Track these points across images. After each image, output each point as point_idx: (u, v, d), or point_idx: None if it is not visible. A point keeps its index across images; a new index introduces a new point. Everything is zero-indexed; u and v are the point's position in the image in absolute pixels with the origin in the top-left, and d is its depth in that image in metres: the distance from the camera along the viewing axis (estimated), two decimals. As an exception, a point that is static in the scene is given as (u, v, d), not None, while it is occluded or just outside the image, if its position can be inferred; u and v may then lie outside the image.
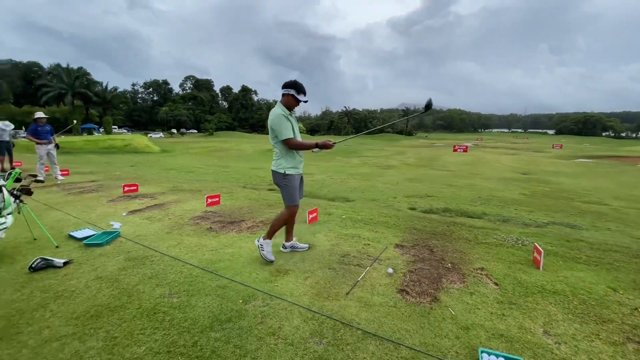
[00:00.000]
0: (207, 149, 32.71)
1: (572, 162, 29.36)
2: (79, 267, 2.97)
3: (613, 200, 11.97)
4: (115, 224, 4.16)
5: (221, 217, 4.57)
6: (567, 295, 2.55)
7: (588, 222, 7.83)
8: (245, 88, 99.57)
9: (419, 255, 3.32)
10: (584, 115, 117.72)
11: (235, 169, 17.51)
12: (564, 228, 6.93)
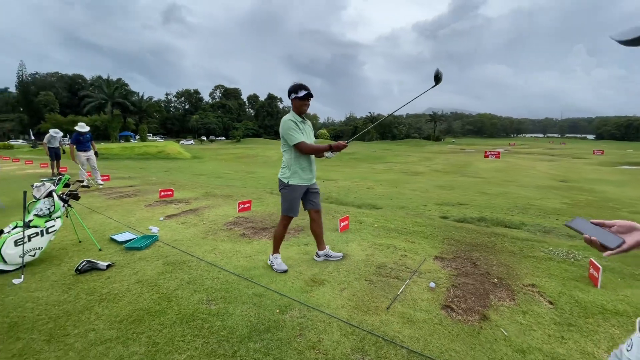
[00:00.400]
0: (234, 155, 33.57)
1: (616, 169, 27.27)
2: (120, 270, 3.05)
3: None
4: (153, 228, 4.28)
5: (253, 223, 4.59)
6: (629, 317, 2.29)
7: None
8: (271, 96, 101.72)
9: (461, 268, 3.13)
10: (626, 120, 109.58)
11: (261, 174, 17.79)
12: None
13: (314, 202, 3.08)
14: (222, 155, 33.75)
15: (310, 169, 2.97)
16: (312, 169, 3.00)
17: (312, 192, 3.05)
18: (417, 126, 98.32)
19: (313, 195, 3.06)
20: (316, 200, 3.08)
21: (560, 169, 24.67)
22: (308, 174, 2.94)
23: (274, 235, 3.09)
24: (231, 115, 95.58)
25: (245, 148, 43.76)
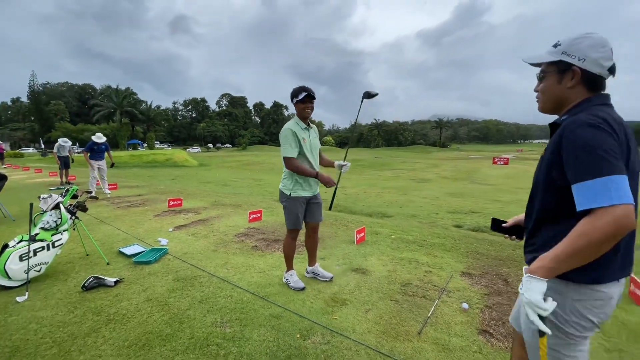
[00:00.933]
0: (240, 163, 33.61)
1: (631, 175, 26.76)
2: (129, 286, 2.89)
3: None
4: (162, 240, 4.13)
5: (265, 235, 4.41)
6: (695, 346, 2.05)
7: None
8: (276, 104, 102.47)
9: (492, 286, 2.91)
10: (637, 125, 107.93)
11: (268, 182, 17.67)
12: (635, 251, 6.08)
13: (315, 215, 2.85)
14: (229, 162, 33.83)
15: (311, 180, 2.74)
16: (312, 182, 2.77)
17: (314, 204, 2.82)
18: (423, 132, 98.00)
19: (315, 207, 2.83)
20: (317, 212, 2.86)
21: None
22: (310, 185, 2.73)
23: (284, 251, 2.89)
24: (237, 123, 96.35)
25: (251, 155, 43.89)
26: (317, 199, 2.84)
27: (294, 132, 2.62)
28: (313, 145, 2.74)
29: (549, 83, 1.17)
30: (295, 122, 2.69)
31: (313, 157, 2.72)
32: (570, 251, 0.94)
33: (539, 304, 0.96)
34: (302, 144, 2.63)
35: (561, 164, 1.03)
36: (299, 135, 2.62)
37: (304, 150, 2.65)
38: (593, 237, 0.91)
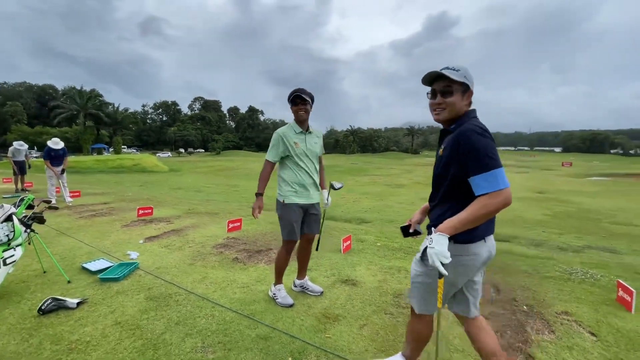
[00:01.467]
0: (214, 168, 32.66)
1: (587, 180, 28.66)
2: (94, 308, 2.56)
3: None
4: (132, 253, 3.77)
5: (246, 245, 4.16)
6: (685, 350, 2.08)
7: (625, 246, 7.27)
8: (252, 108, 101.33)
9: (485, 295, 2.85)
10: (591, 133, 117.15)
11: (244, 188, 17.22)
12: (603, 253, 6.39)
13: (312, 226, 2.67)
14: (202, 168, 32.79)
15: (310, 186, 2.57)
16: (314, 185, 2.62)
17: (312, 215, 2.64)
18: (396, 139, 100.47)
19: (312, 218, 2.66)
20: (315, 224, 2.68)
21: (535, 181, 25.56)
22: (306, 192, 2.56)
23: (276, 263, 2.69)
24: (211, 127, 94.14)
25: (226, 160, 42.84)
26: (315, 210, 2.66)
27: (282, 135, 2.50)
28: (309, 151, 2.56)
29: (457, 98, 1.45)
30: (290, 126, 2.56)
31: (307, 163, 2.54)
32: (472, 218, 1.32)
33: (444, 254, 1.30)
34: (291, 148, 2.48)
35: (458, 161, 1.38)
36: (289, 140, 2.48)
37: (293, 155, 2.49)
38: (490, 209, 1.30)
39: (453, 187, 1.44)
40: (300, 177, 2.53)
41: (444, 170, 1.46)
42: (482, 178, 1.31)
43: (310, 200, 2.59)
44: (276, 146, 2.51)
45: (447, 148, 1.43)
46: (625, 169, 37.58)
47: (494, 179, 1.29)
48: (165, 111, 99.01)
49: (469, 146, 1.33)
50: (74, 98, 50.10)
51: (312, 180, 2.58)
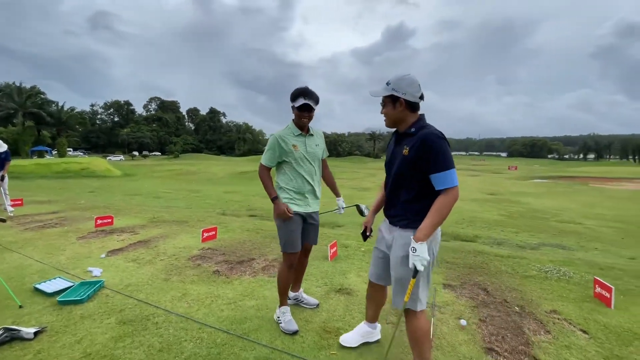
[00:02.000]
0: (173, 172, 30.96)
1: (531, 182, 31.36)
2: (56, 338, 2.18)
3: (584, 219, 12.58)
4: (94, 270, 3.33)
5: (225, 256, 3.87)
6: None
7: (574, 243, 7.96)
8: (213, 110, 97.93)
9: (476, 297, 2.89)
10: (531, 140, 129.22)
11: (207, 193, 16.47)
12: (558, 249, 6.93)
13: (310, 236, 2.49)
14: (159, 172, 30.93)
15: (308, 193, 2.38)
16: (313, 193, 2.42)
17: (311, 225, 2.45)
18: (358, 144, 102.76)
19: (311, 228, 2.46)
20: (313, 234, 2.50)
21: (486, 183, 27.42)
22: (304, 200, 2.37)
23: (279, 282, 2.43)
24: (168, 129, 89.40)
25: (185, 164, 40.82)
26: (314, 220, 2.47)
27: (279, 138, 2.31)
28: (310, 154, 2.38)
29: (389, 109, 1.73)
30: (288, 128, 2.37)
31: (306, 168, 2.36)
32: (439, 220, 1.58)
33: (426, 258, 1.56)
34: (289, 151, 2.30)
35: (424, 160, 1.60)
36: (287, 142, 2.30)
37: (292, 159, 2.32)
38: (449, 206, 1.57)
39: (415, 184, 1.68)
40: (298, 184, 2.35)
41: (408, 169, 1.68)
42: (443, 175, 1.58)
43: (308, 209, 2.40)
44: (272, 150, 2.32)
45: (413, 149, 1.64)
46: (561, 172, 41.72)
47: (451, 177, 1.58)
48: (117, 111, 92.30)
49: (436, 148, 1.59)
50: (12, 95, 44.83)
51: (311, 187, 2.39)
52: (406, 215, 1.73)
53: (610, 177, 33.61)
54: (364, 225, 2.07)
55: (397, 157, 1.74)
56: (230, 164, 46.15)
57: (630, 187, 27.94)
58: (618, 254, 6.87)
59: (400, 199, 1.75)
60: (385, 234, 1.88)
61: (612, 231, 10.20)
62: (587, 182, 30.87)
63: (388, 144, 1.95)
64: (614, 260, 5.87)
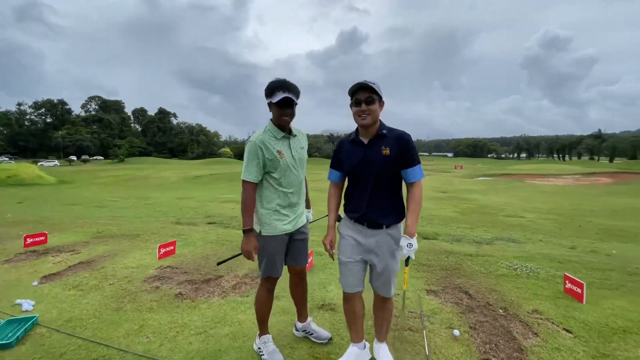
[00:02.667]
0: (119, 178, 28.46)
1: (477, 180, 33.96)
2: (-35, 406, 1.67)
3: (525, 212, 13.79)
4: (24, 302, 2.72)
5: (188, 275, 3.44)
6: (637, 333, 2.32)
7: (521, 235, 8.61)
8: (162, 110, 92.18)
9: (459, 301, 2.84)
10: (473, 141, 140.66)
11: (159, 200, 15.29)
12: (510, 243, 7.40)
13: (299, 256, 2.15)
14: (102, 178, 28.27)
15: (295, 206, 2.06)
16: (299, 205, 2.09)
17: (297, 241, 2.11)
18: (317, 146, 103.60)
19: (299, 245, 2.13)
20: (303, 252, 2.16)
21: (437, 182, 29.11)
22: (294, 213, 2.05)
23: (256, 308, 2.12)
24: (111, 130, 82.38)
25: (132, 169, 37.88)
26: (302, 234, 2.15)
27: (261, 145, 1.91)
28: (298, 161, 2.05)
29: (376, 107, 1.78)
30: (268, 131, 1.99)
31: (295, 177, 2.04)
32: (420, 210, 1.81)
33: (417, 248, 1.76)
34: (274, 159, 1.94)
35: (403, 157, 1.78)
36: (271, 149, 1.93)
37: (277, 170, 1.95)
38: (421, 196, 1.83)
39: (394, 182, 1.84)
40: (287, 197, 2.00)
41: (391, 168, 1.79)
42: (418, 168, 1.81)
43: (298, 223, 2.09)
44: (255, 158, 1.91)
45: (394, 148, 1.78)
46: (500, 170, 45.75)
47: (421, 170, 1.83)
48: (50, 111, 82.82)
49: (411, 144, 1.81)
50: None
51: (298, 194, 2.09)
52: (390, 214, 1.84)
53: (541, 174, 37.55)
54: (329, 244, 1.99)
55: (375, 159, 1.79)
56: (183, 167, 43.66)
57: (557, 182, 31.45)
58: (560, 244, 7.51)
59: (382, 199, 1.83)
60: (361, 240, 1.88)
61: (550, 223, 11.24)
62: (523, 179, 34.18)
63: (340, 149, 1.96)
64: (559, 251, 6.37)
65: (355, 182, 1.89)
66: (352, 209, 1.91)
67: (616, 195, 20.38)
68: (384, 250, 1.84)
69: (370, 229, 1.85)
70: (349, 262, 1.90)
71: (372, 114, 1.76)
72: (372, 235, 1.84)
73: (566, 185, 29.70)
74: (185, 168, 41.47)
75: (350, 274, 1.91)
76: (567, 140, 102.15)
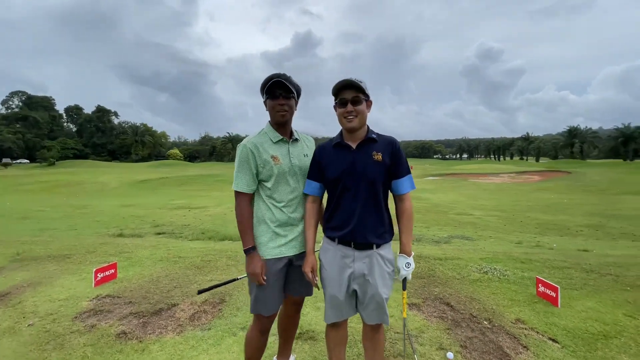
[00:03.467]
0: (49, 184, 25.20)
1: (427, 179, 35.91)
2: None
3: (472, 210, 14.70)
4: None
5: (133, 305, 2.87)
6: (617, 337, 2.34)
7: (473, 233, 9.06)
8: (101, 108, 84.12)
9: (443, 315, 2.69)
10: (421, 143, 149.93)
11: (97, 208, 13.70)
12: (464, 241, 7.71)
13: (300, 285, 1.76)
14: (27, 184, 24.83)
15: (296, 225, 1.70)
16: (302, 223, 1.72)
17: (298, 268, 1.72)
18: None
19: (299, 272, 1.73)
20: (303, 282, 1.74)
21: (393, 182, 30.20)
22: (294, 233, 1.69)
23: (246, 350, 1.74)
24: (39, 130, 73.13)
25: (65, 173, 33.92)
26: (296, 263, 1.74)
27: (252, 148, 1.61)
28: (298, 169, 1.70)
29: (364, 107, 1.58)
30: (264, 133, 1.68)
31: (294, 187, 1.68)
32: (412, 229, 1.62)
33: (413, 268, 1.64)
34: (266, 165, 1.61)
35: (396, 165, 1.60)
36: (263, 153, 1.61)
37: (270, 177, 1.62)
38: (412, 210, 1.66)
39: (385, 193, 1.62)
40: (282, 212, 1.66)
41: (384, 176, 1.58)
42: (409, 178, 1.62)
43: (297, 248, 1.71)
44: (246, 164, 1.60)
45: (386, 154, 1.58)
46: (446, 170, 49.03)
47: (411, 180, 1.64)
48: (-41, 108, 71.24)
49: (402, 151, 1.61)
50: None
51: (301, 215, 1.73)
52: (382, 231, 1.61)
53: (482, 173, 40.89)
54: (311, 272, 1.63)
55: (366, 165, 1.56)
56: (127, 171, 40.14)
57: (496, 180, 34.43)
58: (507, 240, 7.98)
59: (373, 213, 1.59)
60: (347, 267, 1.60)
61: (495, 219, 12.04)
62: (466, 178, 36.92)
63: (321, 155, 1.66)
64: (508, 247, 6.71)
65: (340, 194, 1.60)
66: (336, 225, 1.61)
67: (546, 192, 22.74)
68: (375, 275, 1.58)
69: (358, 251, 1.59)
70: (334, 298, 1.61)
71: (360, 116, 1.56)
72: (361, 258, 1.58)
73: (504, 183, 32.61)
74: (128, 172, 38.14)
75: (337, 310, 1.64)
76: (501, 142, 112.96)
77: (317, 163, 1.66)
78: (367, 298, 1.60)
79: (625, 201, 15.39)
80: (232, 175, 1.66)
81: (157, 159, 78.68)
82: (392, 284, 1.66)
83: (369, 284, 1.58)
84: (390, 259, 1.62)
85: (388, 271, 1.61)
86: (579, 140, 70.48)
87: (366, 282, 1.58)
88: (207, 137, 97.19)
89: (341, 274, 1.59)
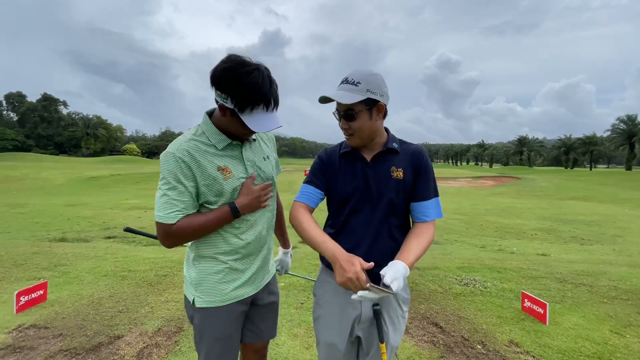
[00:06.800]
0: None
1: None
2: None
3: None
4: None
5: (64, 339, 2.30)
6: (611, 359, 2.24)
7: (438, 236, 9.20)
8: (47, 97, 76.67)
9: (434, 339, 2.44)
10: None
11: (37, 208, 12.21)
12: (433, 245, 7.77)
13: (263, 328, 1.39)
14: (-49, 180, 21.69)
15: (256, 253, 1.28)
16: (263, 249, 1.31)
17: (262, 307, 1.36)
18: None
19: (263, 312, 1.38)
20: (269, 321, 1.41)
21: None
22: (248, 271, 1.25)
23: None
24: (-31, 119, 64.94)
25: (3, 167, 30.24)
26: (270, 295, 1.38)
27: (184, 159, 1.08)
28: (259, 181, 1.25)
29: (363, 121, 1.18)
30: (202, 134, 1.15)
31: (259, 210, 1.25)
32: (423, 252, 1.16)
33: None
34: (216, 183, 1.13)
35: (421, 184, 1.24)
36: (205, 166, 1.11)
37: (225, 198, 1.15)
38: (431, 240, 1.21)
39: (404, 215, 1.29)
40: (238, 239, 1.21)
41: (404, 195, 1.23)
42: (437, 201, 1.25)
43: (264, 280, 1.34)
44: (174, 184, 1.08)
45: (409, 170, 1.24)
46: (412, 172, 50.61)
47: (439, 205, 1.26)
48: None
49: (431, 167, 1.28)
50: None
51: (268, 236, 1.34)
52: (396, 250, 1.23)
53: (442, 177, 42.71)
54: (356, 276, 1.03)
55: (381, 184, 1.22)
56: (75, 166, 36.71)
57: (455, 184, 36.11)
58: (472, 244, 8.14)
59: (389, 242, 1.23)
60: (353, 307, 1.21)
61: (458, 222, 12.40)
62: (431, 181, 38.37)
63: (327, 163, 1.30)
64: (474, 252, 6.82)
65: (348, 216, 1.24)
66: None
67: (500, 196, 24.11)
68: (387, 320, 1.22)
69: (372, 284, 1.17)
70: (332, 347, 1.23)
71: (362, 131, 1.19)
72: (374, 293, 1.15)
73: (462, 187, 34.23)
74: (78, 167, 34.91)
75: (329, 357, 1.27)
76: (459, 148, 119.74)
77: (321, 171, 1.30)
78: (373, 349, 1.23)
79: (569, 206, 16.64)
80: None
81: (111, 153, 73.19)
82: (404, 329, 1.31)
83: (390, 322, 1.23)
84: (406, 298, 1.29)
85: (401, 314, 1.27)
86: (527, 148, 76.63)
87: (374, 328, 1.21)
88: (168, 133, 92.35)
89: (344, 316, 1.22)
